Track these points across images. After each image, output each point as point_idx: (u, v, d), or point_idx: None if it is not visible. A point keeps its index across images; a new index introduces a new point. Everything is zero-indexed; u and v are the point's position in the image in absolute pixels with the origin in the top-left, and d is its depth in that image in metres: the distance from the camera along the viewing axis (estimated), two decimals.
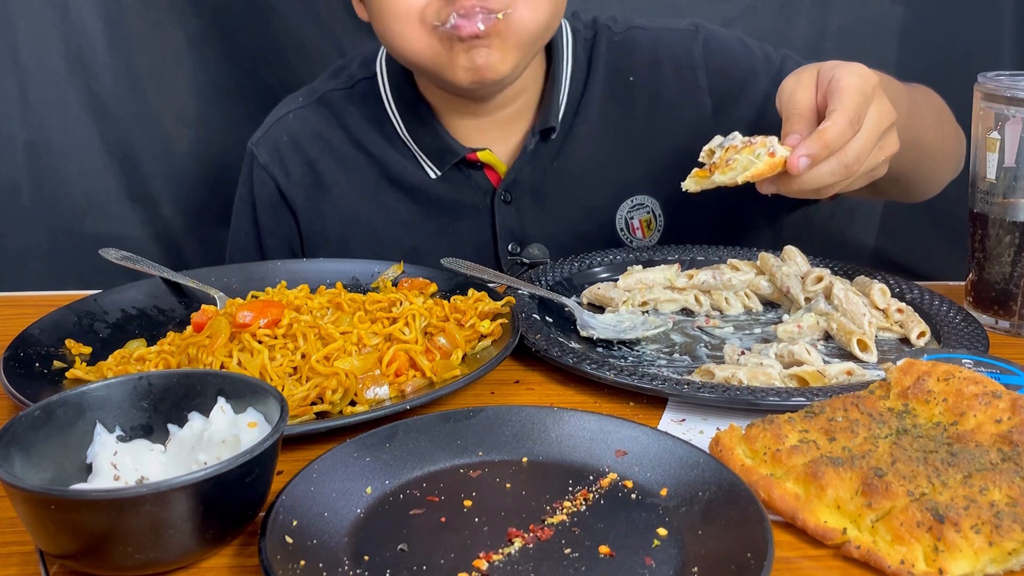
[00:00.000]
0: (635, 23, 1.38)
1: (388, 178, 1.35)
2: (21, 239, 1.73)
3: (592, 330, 1.04)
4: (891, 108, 0.98)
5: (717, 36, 1.37)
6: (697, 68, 1.34)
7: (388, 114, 1.35)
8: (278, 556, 0.63)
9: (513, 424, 0.80)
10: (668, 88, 1.34)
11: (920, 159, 1.13)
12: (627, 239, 1.36)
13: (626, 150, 1.35)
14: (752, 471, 0.74)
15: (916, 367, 0.81)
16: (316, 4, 1.70)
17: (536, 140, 1.32)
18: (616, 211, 1.36)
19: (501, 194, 1.33)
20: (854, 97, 0.94)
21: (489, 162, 1.33)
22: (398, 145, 1.35)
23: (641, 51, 1.36)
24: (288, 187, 1.37)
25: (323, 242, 1.37)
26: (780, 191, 0.97)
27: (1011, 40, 1.75)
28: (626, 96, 1.35)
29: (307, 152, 1.37)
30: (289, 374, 0.89)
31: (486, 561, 0.66)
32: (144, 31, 1.69)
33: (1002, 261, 1.07)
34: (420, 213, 1.35)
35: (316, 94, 1.39)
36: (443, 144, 1.32)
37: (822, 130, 0.92)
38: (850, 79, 0.95)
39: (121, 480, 0.70)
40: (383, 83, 1.36)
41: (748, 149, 0.96)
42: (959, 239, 1.16)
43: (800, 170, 0.92)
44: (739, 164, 0.95)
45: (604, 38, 1.36)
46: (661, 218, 1.36)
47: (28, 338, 0.97)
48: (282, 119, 1.39)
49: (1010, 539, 0.64)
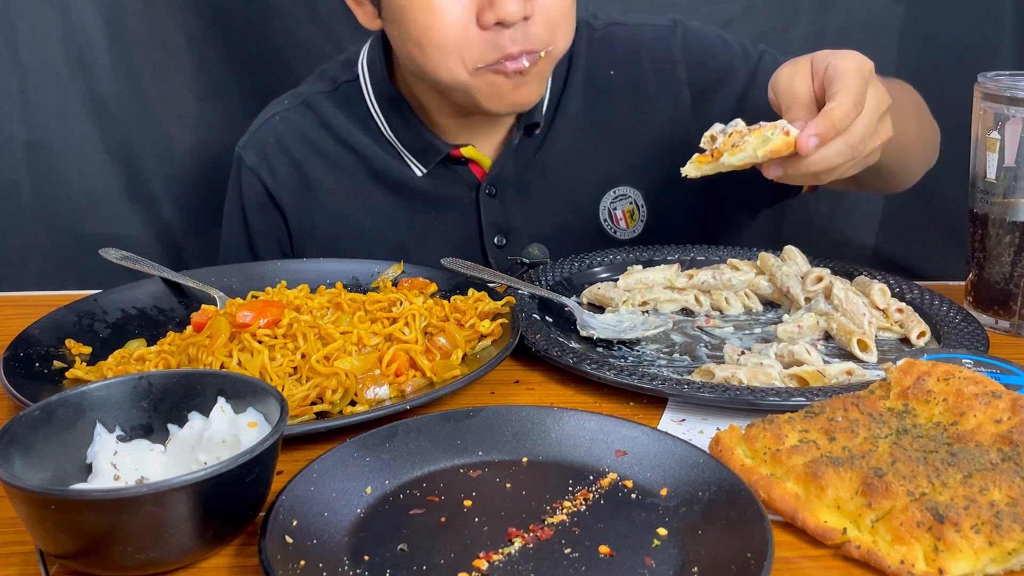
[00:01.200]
0: (615, 20, 1.40)
1: (374, 176, 1.37)
2: (21, 239, 1.73)
3: (592, 330, 1.04)
4: (886, 93, 0.99)
5: (696, 31, 1.38)
6: (676, 61, 1.36)
7: (372, 114, 1.36)
8: (278, 556, 0.63)
9: (513, 424, 0.80)
10: (648, 81, 1.36)
11: (902, 149, 1.14)
12: (611, 230, 1.38)
13: (607, 142, 1.37)
14: (752, 471, 0.74)
15: (916, 367, 0.81)
16: (316, 4, 1.70)
17: (520, 135, 1.34)
18: (599, 203, 1.37)
19: (486, 188, 1.35)
20: (855, 79, 0.95)
21: (473, 157, 1.34)
22: (383, 144, 1.36)
23: (621, 46, 1.37)
24: (276, 188, 1.38)
25: (312, 241, 1.39)
26: (786, 173, 0.97)
27: (1011, 40, 1.75)
28: (606, 90, 1.37)
29: (293, 153, 1.38)
30: (289, 374, 0.89)
31: (486, 561, 0.66)
32: (144, 31, 1.69)
33: (1002, 261, 1.07)
34: (407, 209, 1.36)
35: (300, 97, 1.41)
36: (426, 142, 1.34)
37: (829, 110, 0.93)
38: (849, 63, 0.96)
39: (121, 480, 0.70)
40: (365, 84, 1.37)
41: (757, 132, 0.96)
42: (959, 239, 1.16)
43: (810, 149, 0.93)
44: (749, 146, 0.96)
45: (584, 34, 1.37)
46: (644, 208, 1.38)
47: (28, 338, 0.97)
48: (268, 122, 1.40)
49: (1010, 539, 0.64)
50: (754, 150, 0.95)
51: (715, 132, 1.01)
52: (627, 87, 1.36)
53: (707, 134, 1.02)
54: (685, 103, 1.35)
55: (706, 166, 0.99)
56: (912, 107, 1.27)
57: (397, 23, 1.20)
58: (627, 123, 1.36)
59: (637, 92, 1.36)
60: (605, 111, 1.36)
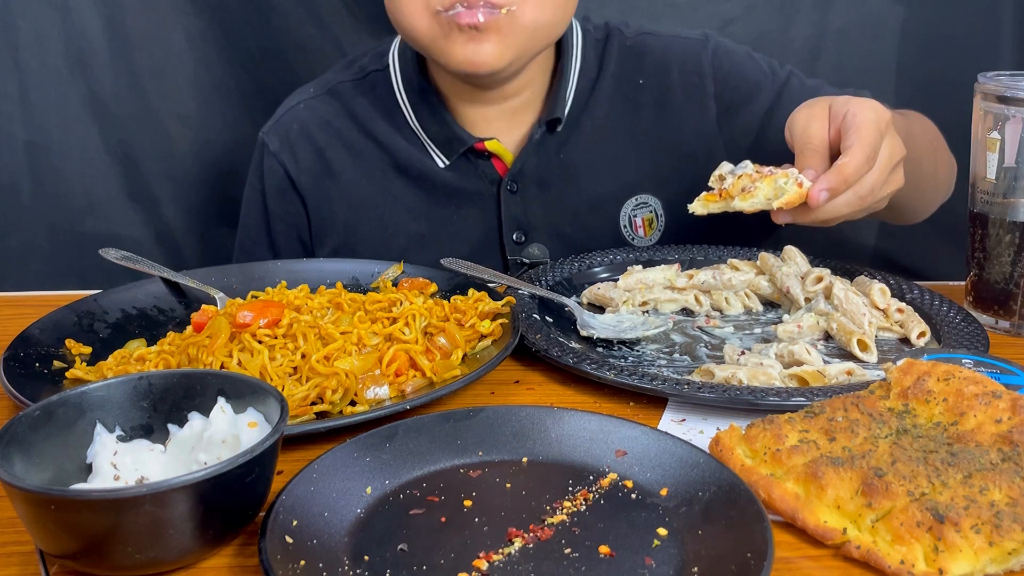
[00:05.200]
0: (647, 29, 1.41)
1: (396, 166, 1.37)
2: (21, 239, 1.73)
3: (592, 330, 1.04)
4: (901, 145, 1.02)
5: (726, 47, 1.40)
6: (705, 75, 1.37)
7: (399, 103, 1.37)
8: (278, 556, 0.63)
9: (513, 424, 0.80)
10: (675, 92, 1.37)
11: (915, 188, 1.16)
12: (629, 236, 1.38)
13: (632, 148, 1.37)
14: (752, 471, 0.74)
15: (916, 367, 0.81)
16: (316, 4, 1.70)
17: (542, 131, 1.34)
18: (620, 207, 1.38)
19: (507, 183, 1.35)
20: (871, 134, 0.97)
21: (496, 151, 1.35)
22: (407, 134, 1.36)
23: (652, 56, 1.39)
24: (297, 174, 1.39)
25: (331, 228, 1.39)
26: (795, 221, 1.01)
27: (1011, 40, 1.75)
28: (634, 97, 1.37)
29: (316, 140, 1.39)
30: (289, 374, 0.89)
31: (486, 561, 0.66)
32: (144, 31, 1.69)
33: (1002, 261, 1.07)
34: (427, 201, 1.37)
35: (327, 85, 1.42)
36: (451, 133, 1.34)
37: (841, 165, 0.97)
38: (867, 114, 0.99)
39: (121, 480, 0.70)
40: (395, 73, 1.38)
41: (768, 180, 0.99)
42: (959, 239, 1.16)
43: (820, 203, 0.97)
44: (761, 193, 0.99)
45: (616, 40, 1.39)
46: (663, 218, 1.38)
47: (28, 338, 0.97)
48: (293, 109, 1.41)
49: (1010, 539, 0.64)
50: (766, 198, 0.99)
51: (724, 172, 1.04)
52: (655, 96, 1.37)
53: (716, 173, 1.05)
54: (710, 117, 1.36)
55: (713, 205, 1.03)
56: (928, 145, 1.29)
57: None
58: (652, 132, 1.37)
59: (664, 102, 1.37)
60: (632, 118, 1.37)
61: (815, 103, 1.04)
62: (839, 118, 1.00)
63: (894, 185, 1.03)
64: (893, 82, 1.75)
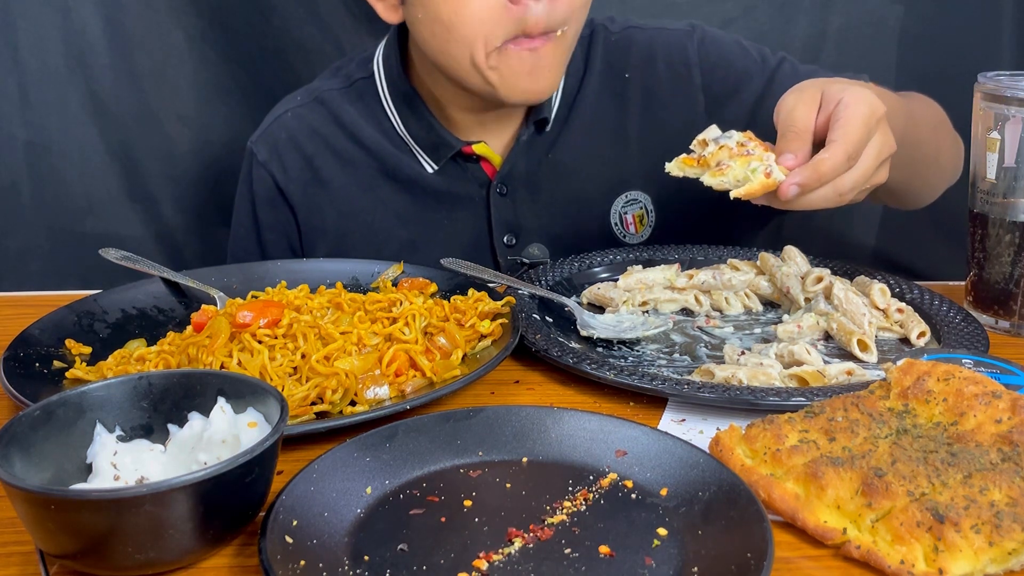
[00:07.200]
0: (632, 23, 1.40)
1: (385, 172, 1.37)
2: (21, 239, 1.73)
3: (592, 330, 1.04)
4: (891, 140, 0.99)
5: (713, 36, 1.38)
6: (692, 66, 1.36)
7: (385, 110, 1.36)
8: (278, 556, 0.63)
9: (513, 424, 0.80)
10: (663, 85, 1.36)
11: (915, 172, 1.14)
12: (620, 234, 1.38)
13: (620, 145, 1.37)
14: (752, 471, 0.74)
15: (916, 367, 0.81)
16: (316, 4, 1.70)
17: (530, 132, 1.34)
18: (610, 205, 1.37)
19: (497, 186, 1.35)
20: (858, 131, 0.94)
21: (484, 155, 1.34)
22: (395, 140, 1.36)
23: (637, 49, 1.37)
24: (286, 183, 1.38)
25: (321, 236, 1.39)
26: (770, 204, 0.98)
27: (1011, 40, 1.75)
28: (621, 92, 1.36)
29: (305, 149, 1.38)
30: (289, 374, 0.89)
31: (486, 561, 0.66)
32: (144, 31, 1.69)
33: (1002, 261, 1.07)
34: (417, 206, 1.36)
35: (313, 94, 1.41)
36: (439, 138, 1.34)
37: (818, 161, 0.93)
38: (858, 108, 0.95)
39: (121, 480, 0.70)
40: (380, 80, 1.37)
41: (743, 160, 0.96)
42: (959, 239, 1.16)
43: (789, 198, 0.94)
44: (731, 173, 0.96)
45: (601, 37, 1.38)
46: (653, 213, 1.38)
47: (28, 338, 0.97)
48: (280, 118, 1.41)
49: (1010, 539, 0.64)
50: (735, 180, 0.96)
51: (708, 138, 1.01)
52: (642, 90, 1.36)
53: (700, 137, 1.02)
54: (699, 108, 1.35)
55: (690, 170, 1.01)
56: (930, 128, 1.26)
57: (425, 5, 1.19)
58: (641, 127, 1.36)
59: (652, 96, 1.36)
60: (620, 114, 1.36)
61: (806, 86, 1.01)
62: (831, 105, 0.97)
63: (877, 180, 0.99)
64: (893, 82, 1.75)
